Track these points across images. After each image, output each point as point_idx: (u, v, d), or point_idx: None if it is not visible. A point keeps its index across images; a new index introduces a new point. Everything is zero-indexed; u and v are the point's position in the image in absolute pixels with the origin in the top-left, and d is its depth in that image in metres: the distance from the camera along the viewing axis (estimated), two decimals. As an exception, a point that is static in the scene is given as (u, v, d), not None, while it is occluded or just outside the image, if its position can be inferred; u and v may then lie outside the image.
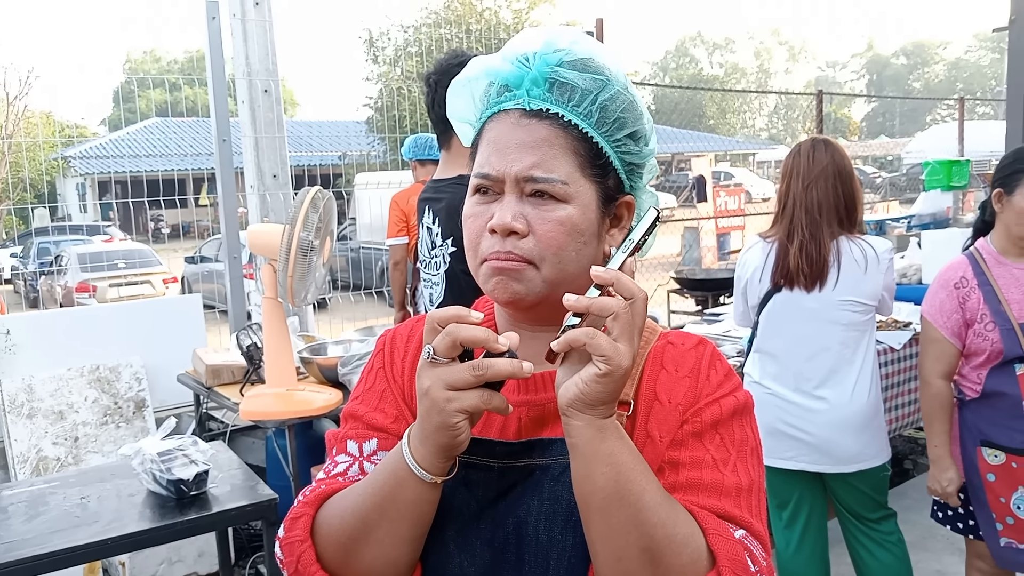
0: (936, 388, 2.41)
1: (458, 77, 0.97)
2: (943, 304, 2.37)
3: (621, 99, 0.90)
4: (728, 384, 0.93)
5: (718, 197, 11.28)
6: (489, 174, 0.89)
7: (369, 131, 14.89)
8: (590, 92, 0.88)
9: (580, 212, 0.87)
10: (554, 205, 0.87)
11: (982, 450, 2.36)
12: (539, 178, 0.86)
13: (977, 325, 2.32)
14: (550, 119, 0.87)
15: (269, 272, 2.82)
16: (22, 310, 11.18)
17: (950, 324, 2.36)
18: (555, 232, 0.86)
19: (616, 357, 0.76)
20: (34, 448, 3.41)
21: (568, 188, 0.87)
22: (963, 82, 53.18)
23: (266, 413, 2.84)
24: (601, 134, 0.89)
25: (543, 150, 0.87)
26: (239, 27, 4.09)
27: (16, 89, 15.29)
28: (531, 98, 0.88)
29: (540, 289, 0.88)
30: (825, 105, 8.55)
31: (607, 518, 0.79)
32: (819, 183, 2.44)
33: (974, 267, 2.35)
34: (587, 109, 0.88)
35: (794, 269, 2.46)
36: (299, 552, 0.88)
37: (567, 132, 0.88)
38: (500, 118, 0.90)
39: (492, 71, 0.92)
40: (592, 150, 0.89)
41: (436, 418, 0.79)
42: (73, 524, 1.98)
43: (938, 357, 2.40)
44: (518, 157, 0.87)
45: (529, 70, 0.89)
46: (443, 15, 20.72)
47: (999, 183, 2.32)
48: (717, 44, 58.09)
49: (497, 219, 0.87)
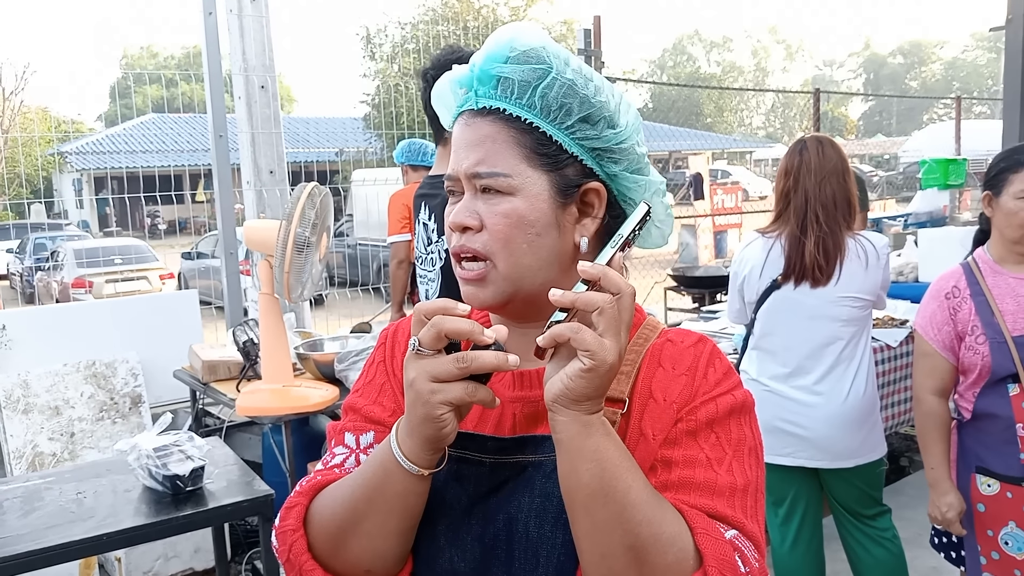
0: (928, 405, 2.24)
1: (437, 84, 0.98)
2: (934, 315, 2.22)
3: (559, 84, 0.89)
4: (726, 382, 0.92)
5: (715, 195, 11.28)
6: (449, 175, 0.92)
7: (366, 128, 14.87)
8: (529, 83, 0.89)
9: (527, 203, 0.88)
10: (500, 198, 0.88)
11: (976, 478, 2.18)
12: (483, 173, 0.89)
13: (968, 338, 2.15)
14: (494, 115, 0.90)
15: (266, 268, 2.82)
16: (18, 305, 11.15)
17: (941, 337, 2.20)
18: (502, 225, 0.88)
19: (601, 352, 0.76)
20: (30, 444, 3.41)
21: (512, 180, 0.88)
22: (960, 81, 53.24)
23: (262, 409, 2.84)
24: (547, 122, 0.89)
25: (486, 146, 0.89)
26: (236, 23, 4.08)
27: (12, 84, 15.27)
28: (478, 97, 0.91)
29: (503, 287, 0.89)
30: (822, 104, 8.55)
31: (591, 515, 0.79)
32: (832, 179, 2.45)
33: (968, 276, 2.20)
34: (529, 100, 0.89)
35: (810, 265, 2.44)
36: (291, 541, 0.89)
37: (510, 125, 0.89)
38: (459, 120, 0.94)
39: (455, 77, 0.95)
40: (538, 140, 0.89)
41: (421, 410, 0.79)
42: (69, 520, 1.98)
43: (929, 372, 2.24)
44: (466, 155, 0.90)
45: (475, 71, 0.91)
46: (441, 12, 20.68)
47: (987, 186, 2.21)
48: (714, 42, 58.07)
49: (452, 216, 0.91)
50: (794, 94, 31.07)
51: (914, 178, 13.00)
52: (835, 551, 2.83)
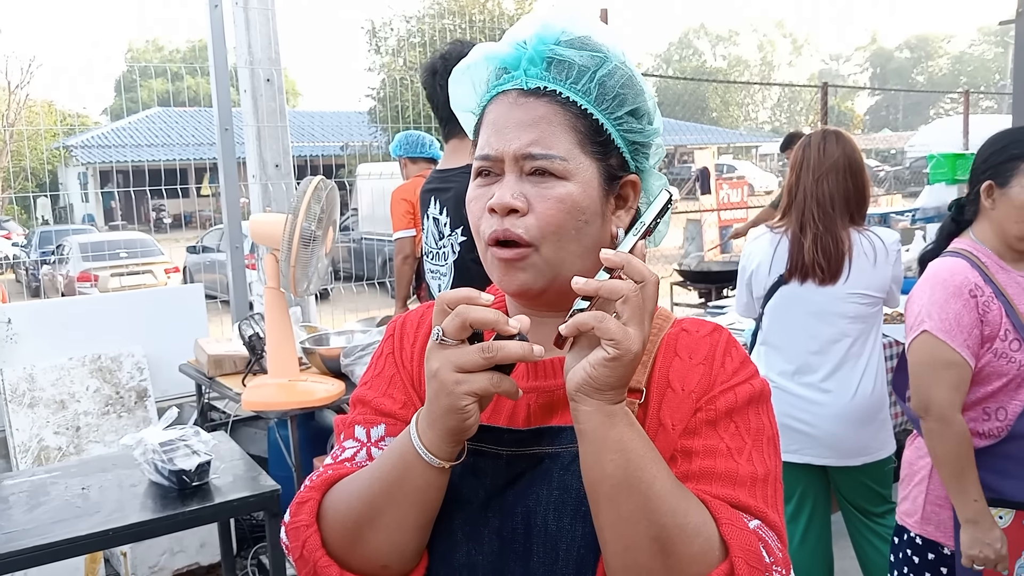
0: (960, 426, 1.85)
1: (458, 65, 0.96)
2: (960, 317, 1.85)
3: (620, 75, 0.89)
4: (744, 371, 0.91)
5: (720, 190, 11.24)
6: (489, 154, 0.88)
7: (371, 122, 14.86)
8: (588, 69, 0.88)
9: (581, 189, 0.87)
10: (554, 182, 0.86)
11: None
12: (537, 155, 0.86)
13: (999, 343, 1.84)
14: (548, 97, 0.87)
15: (272, 262, 2.81)
16: (24, 299, 11.18)
17: (971, 341, 1.85)
18: (555, 210, 0.85)
19: (625, 341, 0.75)
20: (35, 437, 3.41)
21: (568, 164, 0.86)
22: (967, 76, 53.06)
23: (268, 403, 2.83)
24: (601, 111, 0.88)
25: (541, 127, 0.86)
26: (242, 15, 4.07)
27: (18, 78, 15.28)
28: (528, 77, 0.88)
29: (544, 272, 0.87)
30: (829, 98, 8.52)
31: (616, 506, 0.78)
32: (830, 176, 2.42)
33: (980, 273, 1.89)
34: (585, 86, 0.88)
35: (810, 263, 2.43)
36: (304, 537, 0.87)
37: (566, 109, 0.87)
38: (499, 99, 0.90)
39: (491, 55, 0.92)
40: (592, 127, 0.88)
41: (444, 400, 0.78)
42: (75, 514, 1.98)
43: (956, 385, 1.85)
44: (516, 135, 0.87)
45: (526, 50, 0.89)
46: (446, 6, 20.63)
47: (988, 174, 1.92)
48: (721, 36, 57.93)
49: (496, 198, 0.86)
50: (800, 88, 30.94)
51: (921, 173, 12.95)
52: (843, 548, 2.81)
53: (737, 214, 11.10)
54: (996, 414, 1.89)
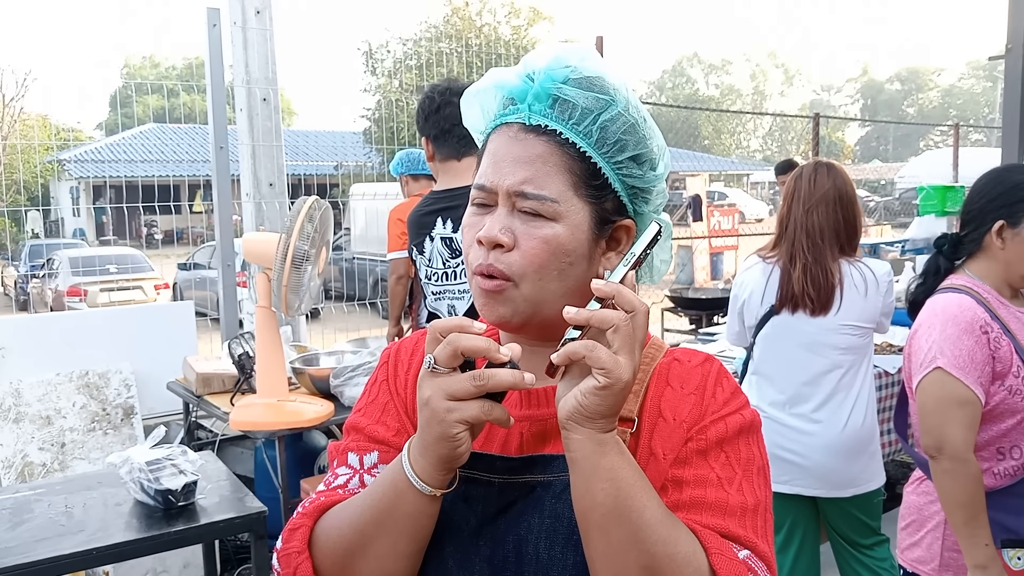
0: (974, 467, 1.79)
1: (471, 88, 0.97)
2: (973, 353, 1.79)
3: (623, 120, 0.89)
4: (735, 402, 0.91)
5: (712, 217, 11.30)
6: (484, 185, 0.89)
7: (366, 142, 14.91)
8: (591, 111, 0.88)
9: (568, 232, 0.87)
10: (542, 223, 0.86)
11: (1003, 553, 1.83)
12: (529, 194, 0.86)
13: (1011, 379, 1.81)
14: (548, 135, 0.87)
15: (263, 281, 2.80)
16: (11, 312, 11.10)
17: (983, 379, 1.80)
18: (539, 249, 0.85)
19: (616, 370, 0.75)
20: (19, 453, 3.37)
21: (558, 207, 0.86)
22: (956, 109, 53.65)
23: (256, 423, 2.82)
24: (600, 154, 0.88)
25: (536, 166, 0.86)
26: (240, 35, 4.09)
27: (12, 91, 15.27)
28: (532, 113, 0.88)
29: (522, 309, 0.87)
30: (820, 128, 8.59)
31: (607, 535, 0.78)
32: (820, 207, 2.44)
33: (986, 310, 1.85)
34: (587, 128, 0.87)
35: (799, 293, 2.44)
36: (296, 564, 0.87)
37: (564, 150, 0.87)
38: (502, 131, 0.90)
39: (500, 83, 0.92)
40: (589, 170, 0.88)
41: (436, 428, 0.78)
42: (58, 533, 1.95)
43: (971, 424, 1.79)
44: (511, 171, 0.87)
45: (533, 84, 0.89)
46: (443, 29, 20.81)
47: (1001, 213, 1.87)
48: (714, 65, 58.50)
49: (485, 231, 0.86)
50: (792, 118, 31.21)
51: (911, 204, 13.04)
52: (831, 579, 2.80)
53: (728, 241, 11.15)
54: (1011, 453, 1.85)
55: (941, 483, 1.83)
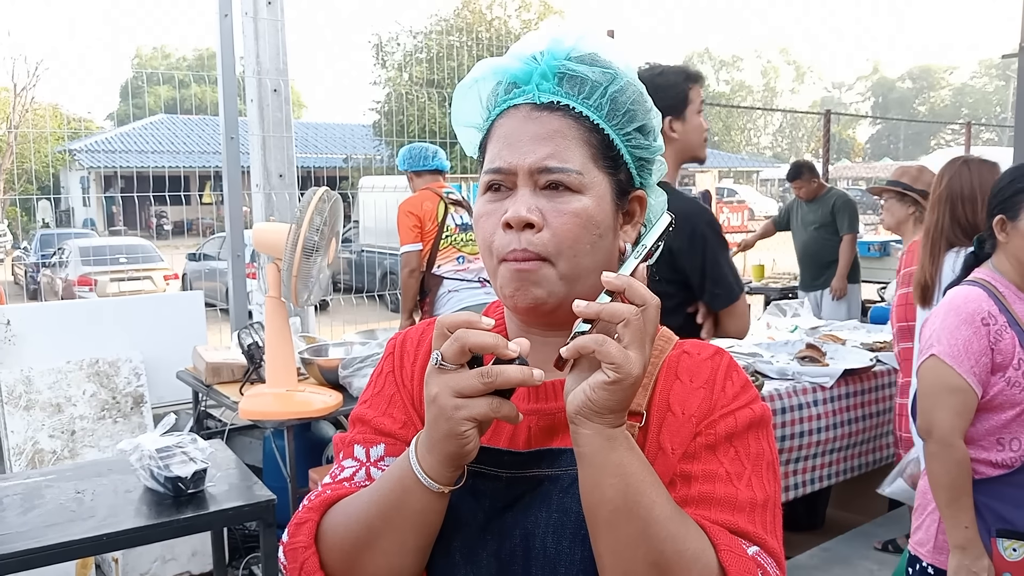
0: (960, 452, 1.88)
1: (464, 80, 0.96)
2: (969, 343, 1.88)
3: (630, 91, 0.90)
4: (744, 396, 0.90)
5: (721, 213, 11.28)
6: (501, 168, 0.87)
7: (375, 135, 14.92)
8: (600, 84, 0.88)
9: (595, 203, 0.86)
10: (569, 196, 0.85)
11: (997, 542, 1.87)
12: (554, 168, 0.85)
13: (1012, 371, 1.87)
14: (561, 111, 0.87)
15: (273, 271, 2.81)
16: (22, 301, 11.16)
17: (978, 369, 1.87)
18: (571, 224, 0.85)
19: (626, 365, 0.74)
20: (30, 440, 3.40)
21: (583, 178, 0.86)
22: (968, 107, 53.33)
23: (265, 413, 2.83)
24: (612, 126, 0.88)
25: (556, 141, 0.86)
26: (251, 25, 4.09)
27: (24, 80, 15.34)
28: (541, 92, 0.88)
29: (558, 288, 0.86)
30: (831, 125, 8.56)
31: (615, 531, 0.78)
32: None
33: (996, 302, 1.92)
34: (597, 101, 0.88)
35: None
36: (303, 559, 0.87)
37: (579, 123, 0.87)
38: (510, 114, 0.89)
39: (500, 70, 0.92)
40: (603, 142, 0.88)
41: (444, 426, 0.77)
42: (68, 519, 1.97)
43: (961, 411, 1.88)
44: (531, 149, 0.86)
45: (538, 65, 0.89)
46: (453, 22, 20.78)
47: (999, 209, 1.99)
48: (724, 61, 58.22)
49: (511, 212, 0.85)
50: (802, 115, 31.08)
51: (921, 202, 12.94)
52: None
53: (736, 237, 11.13)
54: (1010, 444, 1.90)
55: (929, 465, 1.94)
